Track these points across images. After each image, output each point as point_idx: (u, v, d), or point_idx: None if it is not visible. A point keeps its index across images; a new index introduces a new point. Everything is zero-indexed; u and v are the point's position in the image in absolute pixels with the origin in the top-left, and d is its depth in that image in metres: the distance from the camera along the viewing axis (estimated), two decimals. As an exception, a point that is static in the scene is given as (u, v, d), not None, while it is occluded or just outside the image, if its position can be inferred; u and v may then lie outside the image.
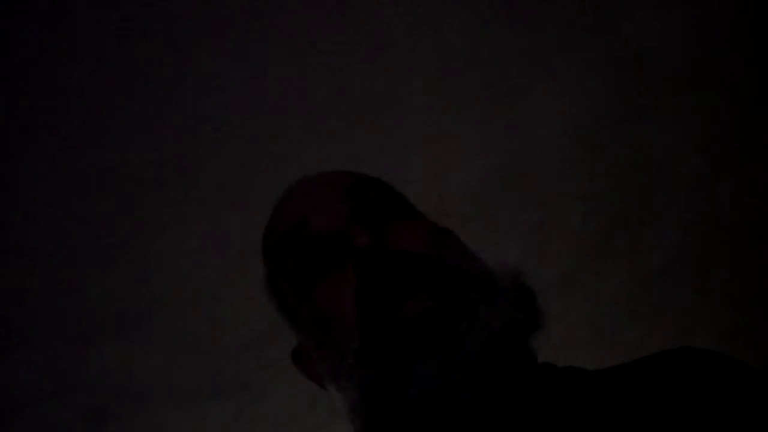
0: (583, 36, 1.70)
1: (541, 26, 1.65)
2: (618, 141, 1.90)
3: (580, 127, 1.84)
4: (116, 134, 1.47)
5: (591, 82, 1.77)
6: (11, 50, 1.30)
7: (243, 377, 1.89)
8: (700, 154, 2.01)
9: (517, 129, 1.78)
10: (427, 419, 0.57)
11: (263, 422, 1.99)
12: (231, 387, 1.89)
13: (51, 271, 1.58)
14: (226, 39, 1.43)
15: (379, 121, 1.63)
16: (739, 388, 0.57)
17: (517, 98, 1.73)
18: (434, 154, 1.71)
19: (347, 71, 1.54)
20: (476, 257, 0.69)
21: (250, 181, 1.58)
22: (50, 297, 1.62)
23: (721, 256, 2.23)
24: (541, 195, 1.92)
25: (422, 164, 1.70)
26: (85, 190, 1.51)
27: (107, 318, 1.68)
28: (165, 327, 1.73)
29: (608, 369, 0.64)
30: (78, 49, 1.35)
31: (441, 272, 0.60)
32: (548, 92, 1.75)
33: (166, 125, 1.49)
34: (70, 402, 1.78)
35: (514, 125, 1.77)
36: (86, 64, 1.37)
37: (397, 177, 0.76)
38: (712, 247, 2.20)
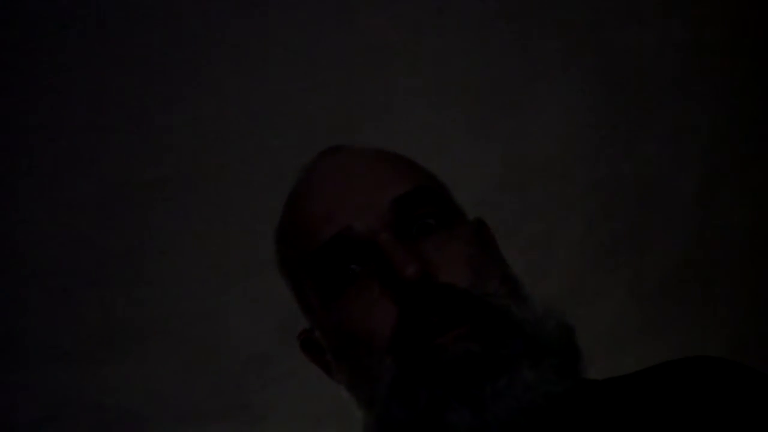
0: (583, 49, 1.70)
1: (540, 39, 1.65)
2: (619, 154, 1.90)
3: (580, 140, 1.83)
4: (116, 152, 1.47)
5: (591, 94, 1.77)
6: (11, 60, 1.30)
7: (244, 398, 1.87)
8: (701, 166, 2.01)
9: (517, 142, 1.77)
10: None
11: (265, 443, 1.97)
12: (232, 407, 1.88)
13: (50, 291, 1.57)
14: (226, 49, 1.43)
15: (378, 135, 1.62)
16: (758, 396, 0.57)
17: (517, 111, 1.73)
18: (433, 167, 1.70)
19: (346, 84, 1.54)
20: (519, 284, 0.67)
21: (249, 198, 1.57)
22: (49, 317, 1.61)
23: (725, 268, 2.22)
24: (542, 208, 1.91)
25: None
26: (84, 209, 1.51)
27: (106, 338, 1.67)
28: (165, 347, 1.72)
29: (622, 377, 0.63)
30: (78, 59, 1.34)
31: (486, 314, 0.59)
32: (548, 105, 1.75)
33: (164, 142, 1.49)
34: (70, 424, 1.76)
35: (514, 138, 1.77)
36: (85, 77, 1.37)
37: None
38: (715, 259, 2.19)
